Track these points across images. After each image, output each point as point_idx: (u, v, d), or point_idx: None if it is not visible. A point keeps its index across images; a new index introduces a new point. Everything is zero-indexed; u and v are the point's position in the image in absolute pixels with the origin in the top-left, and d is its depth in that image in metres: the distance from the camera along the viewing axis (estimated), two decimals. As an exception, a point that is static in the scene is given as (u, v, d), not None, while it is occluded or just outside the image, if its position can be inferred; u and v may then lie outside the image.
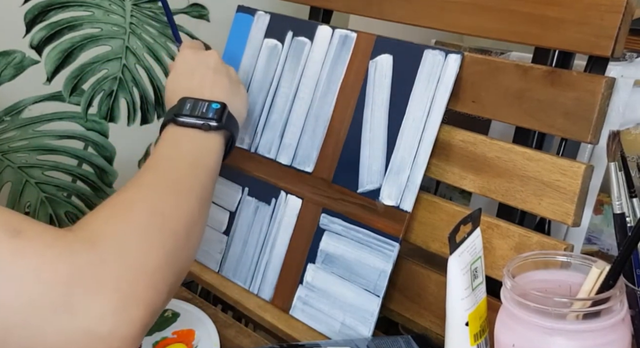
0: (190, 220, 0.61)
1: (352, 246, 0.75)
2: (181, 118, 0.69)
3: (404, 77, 0.74)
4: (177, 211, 0.61)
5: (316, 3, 0.90)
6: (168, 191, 0.62)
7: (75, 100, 0.99)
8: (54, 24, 0.95)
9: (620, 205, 0.64)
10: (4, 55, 0.92)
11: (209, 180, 0.67)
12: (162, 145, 0.68)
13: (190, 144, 0.68)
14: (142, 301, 0.53)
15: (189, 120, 0.69)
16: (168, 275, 0.56)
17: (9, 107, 0.94)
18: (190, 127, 0.69)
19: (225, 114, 0.72)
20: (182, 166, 0.65)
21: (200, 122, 0.69)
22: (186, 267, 0.61)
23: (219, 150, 0.70)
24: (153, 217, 0.58)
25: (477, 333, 0.59)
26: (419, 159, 0.72)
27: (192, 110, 0.71)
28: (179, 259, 0.58)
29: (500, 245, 0.67)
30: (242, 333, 0.77)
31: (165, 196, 0.61)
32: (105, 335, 0.50)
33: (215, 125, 0.70)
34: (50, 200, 1.01)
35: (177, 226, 0.60)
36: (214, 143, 0.70)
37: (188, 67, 0.77)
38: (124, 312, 0.52)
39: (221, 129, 0.70)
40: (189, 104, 0.71)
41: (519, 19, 0.68)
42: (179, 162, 0.66)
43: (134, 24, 1.01)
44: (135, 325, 0.52)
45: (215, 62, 0.77)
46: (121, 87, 1.03)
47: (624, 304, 0.53)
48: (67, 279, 0.50)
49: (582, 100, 0.63)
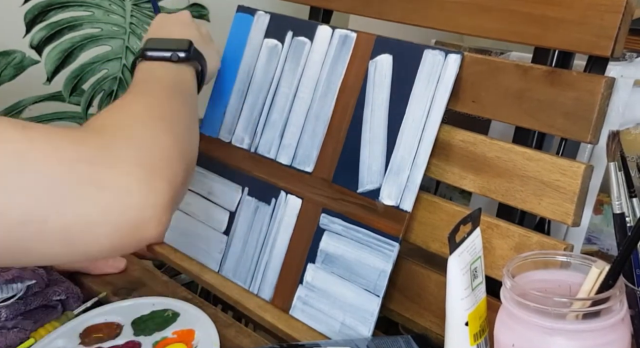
0: (185, 119, 0.62)
1: (352, 246, 0.75)
2: (149, 52, 0.70)
3: (404, 77, 0.74)
4: (173, 109, 0.62)
5: (316, 3, 0.90)
6: (162, 95, 0.64)
7: (75, 100, 0.99)
8: (54, 24, 0.95)
9: (620, 205, 0.64)
10: (4, 55, 0.92)
11: (190, 103, 0.67)
12: (136, 78, 0.68)
13: (164, 72, 0.69)
14: (163, 175, 0.54)
15: (157, 54, 0.70)
16: (178, 157, 0.57)
17: (9, 107, 0.95)
18: (159, 60, 0.70)
19: (193, 48, 0.72)
20: (161, 84, 0.67)
21: (168, 54, 0.70)
22: (192, 159, 0.62)
23: (191, 79, 0.71)
24: (155, 110, 0.60)
25: (477, 333, 0.59)
26: (419, 159, 0.72)
27: (160, 44, 0.71)
28: (184, 145, 0.59)
29: (500, 245, 0.67)
30: (242, 333, 0.77)
31: (160, 99, 0.63)
32: (136, 205, 0.51)
33: (183, 55, 0.70)
34: (50, 200, 1.01)
35: (177, 119, 0.61)
36: (185, 72, 0.70)
37: (157, 26, 0.78)
38: (149, 184, 0.52)
39: (190, 60, 0.71)
40: (157, 41, 0.72)
41: (519, 19, 0.68)
42: (158, 82, 0.67)
43: (134, 24, 1.01)
44: (162, 195, 0.53)
45: (188, 17, 0.78)
46: (121, 87, 1.03)
47: (624, 304, 0.53)
48: (87, 157, 0.51)
49: (581, 100, 0.63)
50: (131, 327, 0.75)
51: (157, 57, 0.70)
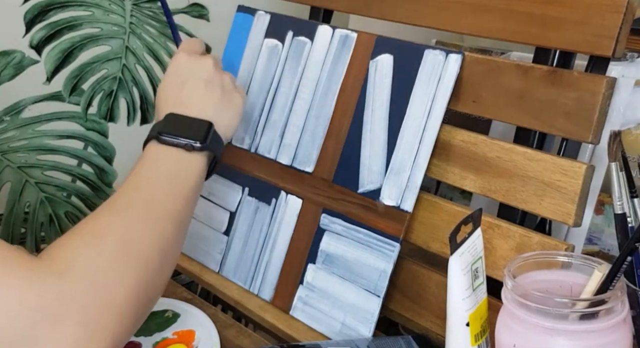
0: (164, 247, 0.60)
1: (353, 246, 0.75)
2: (164, 136, 0.67)
3: (405, 77, 0.74)
4: (150, 239, 0.59)
5: (316, 3, 0.89)
6: (142, 217, 0.60)
7: (75, 100, 0.99)
8: (53, 23, 0.95)
9: (622, 205, 0.64)
10: (3, 55, 0.92)
11: (187, 204, 0.65)
12: (142, 163, 0.66)
13: (170, 165, 0.67)
14: (107, 334, 0.52)
15: (172, 140, 0.67)
16: (137, 306, 0.55)
17: (8, 107, 0.94)
18: (172, 146, 0.67)
19: (211, 134, 0.69)
20: (159, 190, 0.64)
21: (184, 142, 0.67)
22: (157, 295, 0.60)
23: (200, 171, 0.68)
24: (124, 246, 0.57)
25: (478, 333, 0.59)
26: (420, 159, 0.72)
27: (177, 128, 0.68)
28: (150, 289, 0.57)
29: (501, 245, 0.67)
30: (242, 333, 0.77)
31: (139, 223, 0.60)
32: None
33: (198, 146, 0.67)
34: (50, 200, 1.01)
35: (149, 255, 0.58)
36: (195, 164, 0.68)
37: (180, 77, 0.74)
38: (88, 344, 0.51)
39: (204, 150, 0.68)
40: (174, 121, 0.69)
41: (520, 18, 0.68)
42: (156, 185, 0.64)
43: (133, 23, 1.01)
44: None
45: (209, 72, 0.74)
46: (121, 87, 1.02)
47: (625, 305, 0.53)
48: (32, 311, 0.50)
49: (583, 100, 0.63)
50: (131, 327, 0.75)
51: (170, 143, 0.67)
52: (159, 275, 0.59)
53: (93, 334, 0.51)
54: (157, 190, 0.64)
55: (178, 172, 0.66)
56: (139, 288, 0.56)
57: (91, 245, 0.56)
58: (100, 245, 0.56)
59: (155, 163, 0.66)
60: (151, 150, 0.68)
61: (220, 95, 0.74)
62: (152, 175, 0.65)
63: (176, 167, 0.67)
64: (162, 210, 0.62)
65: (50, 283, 0.51)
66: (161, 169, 0.66)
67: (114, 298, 0.54)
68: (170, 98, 0.73)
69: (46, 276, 0.52)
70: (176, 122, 0.69)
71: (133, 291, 0.55)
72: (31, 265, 0.52)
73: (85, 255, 0.55)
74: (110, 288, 0.54)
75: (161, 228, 0.61)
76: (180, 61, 0.75)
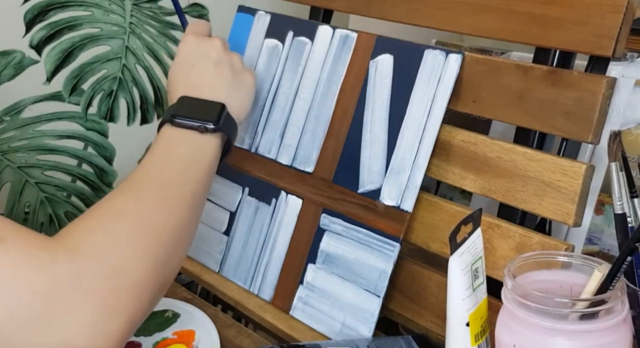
0: (178, 228, 0.60)
1: (353, 246, 0.75)
2: (178, 119, 0.68)
3: (405, 77, 0.74)
4: (164, 220, 0.59)
5: (316, 3, 0.89)
6: (156, 199, 0.60)
7: (75, 100, 0.99)
8: (53, 23, 0.95)
9: (622, 205, 0.64)
10: (3, 55, 0.92)
11: (200, 186, 0.65)
12: (156, 147, 0.66)
13: (184, 147, 0.67)
14: (122, 314, 0.52)
15: (185, 122, 0.67)
16: (152, 286, 0.55)
17: (8, 107, 0.94)
18: (186, 128, 0.67)
19: (224, 115, 0.70)
20: (173, 172, 0.64)
21: (197, 124, 0.67)
22: (172, 276, 0.60)
23: (214, 153, 0.68)
24: (139, 228, 0.57)
25: (478, 333, 0.59)
26: (420, 159, 0.72)
27: (190, 110, 0.69)
28: (164, 270, 0.57)
29: (501, 245, 0.67)
30: (242, 333, 0.77)
31: (153, 205, 0.60)
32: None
33: (212, 127, 0.68)
34: (50, 200, 1.01)
35: (164, 236, 0.58)
36: (209, 146, 0.68)
37: (189, 59, 0.74)
38: (103, 326, 0.51)
39: (218, 131, 0.69)
40: (187, 104, 0.70)
41: (520, 18, 0.68)
42: (170, 167, 0.64)
43: (133, 23, 1.01)
44: (113, 338, 0.51)
45: (218, 52, 0.74)
46: (121, 87, 1.02)
47: (625, 305, 0.53)
48: (46, 291, 0.49)
49: (583, 100, 0.63)
50: (131, 327, 0.75)
51: (184, 125, 0.67)
52: (173, 255, 0.59)
53: (109, 315, 0.51)
54: (170, 172, 0.64)
55: (192, 153, 0.66)
56: (154, 267, 0.55)
57: (105, 226, 0.56)
58: (114, 225, 0.56)
59: (169, 145, 0.67)
60: (165, 133, 0.68)
61: (231, 75, 0.74)
62: (166, 157, 0.65)
63: (190, 149, 0.67)
64: (175, 192, 0.62)
65: (63, 263, 0.51)
66: (175, 151, 0.66)
67: (129, 279, 0.53)
68: (181, 81, 0.73)
69: (60, 256, 0.51)
70: (189, 104, 0.70)
71: (148, 272, 0.55)
72: (44, 244, 0.52)
73: (99, 235, 0.55)
74: (125, 269, 0.54)
75: (175, 209, 0.61)
76: (188, 43, 0.75)
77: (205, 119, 0.68)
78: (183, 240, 0.61)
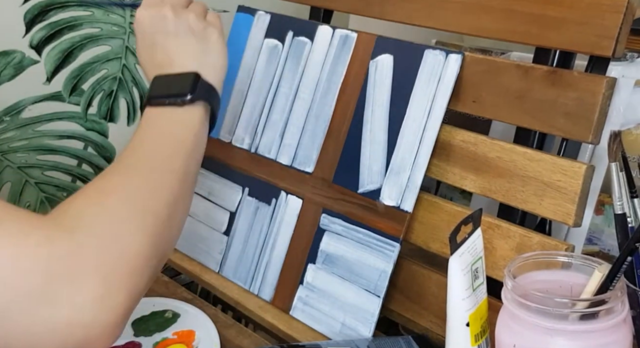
0: (171, 200, 0.60)
1: (353, 246, 0.75)
2: (154, 99, 0.68)
3: (405, 77, 0.74)
4: (157, 193, 0.60)
5: (316, 3, 0.89)
6: (146, 174, 0.61)
7: (75, 100, 0.99)
8: (53, 23, 0.95)
9: (622, 205, 0.64)
10: (4, 55, 0.92)
11: (190, 158, 0.65)
12: (139, 128, 0.66)
13: (165, 123, 0.67)
14: (123, 287, 0.52)
15: (162, 100, 0.67)
16: (150, 258, 0.55)
17: (8, 107, 0.94)
18: (164, 106, 0.67)
19: (199, 84, 0.69)
20: (160, 147, 0.64)
21: (173, 99, 0.67)
22: (169, 248, 0.60)
23: (199, 123, 0.68)
24: (132, 202, 0.57)
25: (478, 333, 0.59)
26: (420, 159, 0.72)
27: (165, 88, 0.68)
28: (161, 241, 0.57)
29: (501, 245, 0.67)
30: (242, 333, 0.77)
31: (145, 179, 0.60)
32: (87, 323, 0.50)
33: (189, 98, 0.67)
34: (50, 200, 1.01)
35: (157, 208, 0.58)
36: (191, 117, 0.67)
37: (146, 38, 0.72)
38: (106, 300, 0.51)
39: (196, 100, 0.68)
40: (161, 82, 0.69)
41: (520, 18, 0.68)
42: (157, 143, 0.64)
43: (133, 23, 1.01)
44: (117, 311, 0.51)
45: (170, 21, 0.71)
46: (121, 87, 1.02)
47: (625, 305, 0.53)
48: (46, 268, 0.49)
49: (583, 101, 0.63)
50: (131, 327, 0.75)
51: (162, 103, 0.67)
52: (168, 229, 0.59)
53: (111, 288, 0.51)
54: (156, 147, 0.64)
55: (175, 127, 0.66)
56: (150, 240, 0.56)
57: (98, 202, 0.56)
58: (106, 201, 0.56)
59: (151, 124, 0.67)
60: (146, 114, 0.68)
61: (195, 42, 0.72)
62: (150, 135, 0.65)
63: (171, 123, 0.67)
64: (164, 166, 0.62)
65: (60, 239, 0.51)
66: (157, 128, 0.66)
67: (126, 253, 0.54)
68: (147, 63, 0.73)
69: (56, 232, 0.52)
70: (163, 82, 0.69)
71: (144, 245, 0.55)
72: (39, 223, 0.52)
73: (93, 211, 0.55)
74: (121, 243, 0.54)
75: (165, 182, 0.61)
76: (139, 21, 0.73)
77: (180, 92, 0.67)
78: (176, 212, 0.61)
